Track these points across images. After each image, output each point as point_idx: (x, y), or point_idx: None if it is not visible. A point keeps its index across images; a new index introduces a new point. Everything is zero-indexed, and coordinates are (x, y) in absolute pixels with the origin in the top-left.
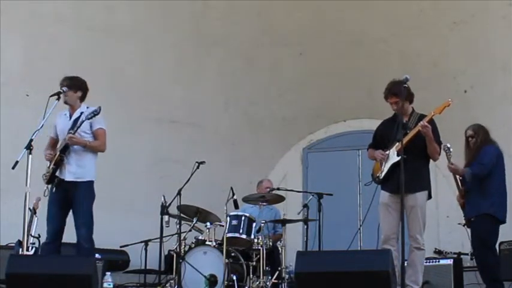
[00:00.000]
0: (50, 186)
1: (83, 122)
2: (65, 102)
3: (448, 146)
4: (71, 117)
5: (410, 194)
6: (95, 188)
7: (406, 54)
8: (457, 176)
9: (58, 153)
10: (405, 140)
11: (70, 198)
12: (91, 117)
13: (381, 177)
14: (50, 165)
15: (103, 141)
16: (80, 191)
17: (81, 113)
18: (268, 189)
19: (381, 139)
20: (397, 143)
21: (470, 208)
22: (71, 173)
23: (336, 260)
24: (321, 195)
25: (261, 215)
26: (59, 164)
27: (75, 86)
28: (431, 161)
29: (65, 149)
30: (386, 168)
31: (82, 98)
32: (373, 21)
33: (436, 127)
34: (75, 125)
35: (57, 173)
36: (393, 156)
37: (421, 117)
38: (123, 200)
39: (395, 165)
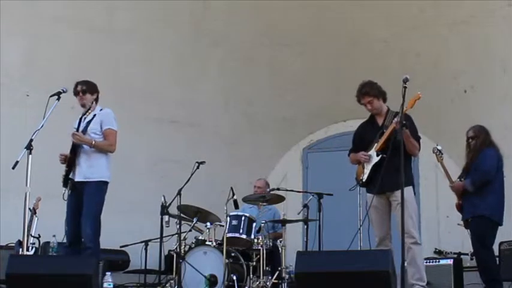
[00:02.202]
0: (66, 189)
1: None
2: (83, 105)
3: (439, 148)
4: (85, 120)
5: (396, 191)
6: None
7: (406, 54)
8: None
9: (68, 154)
10: (382, 139)
11: (82, 199)
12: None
13: (364, 180)
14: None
15: (112, 142)
16: (88, 190)
17: (95, 115)
18: (259, 188)
19: (360, 142)
20: (376, 144)
21: (467, 208)
22: (80, 173)
23: (336, 260)
24: (321, 195)
25: (260, 215)
26: (70, 165)
27: (91, 88)
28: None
29: (74, 149)
30: (368, 170)
31: (96, 100)
32: (373, 21)
33: (412, 122)
34: (87, 127)
35: (70, 175)
36: (374, 157)
37: (396, 115)
38: (123, 200)
39: (376, 166)
